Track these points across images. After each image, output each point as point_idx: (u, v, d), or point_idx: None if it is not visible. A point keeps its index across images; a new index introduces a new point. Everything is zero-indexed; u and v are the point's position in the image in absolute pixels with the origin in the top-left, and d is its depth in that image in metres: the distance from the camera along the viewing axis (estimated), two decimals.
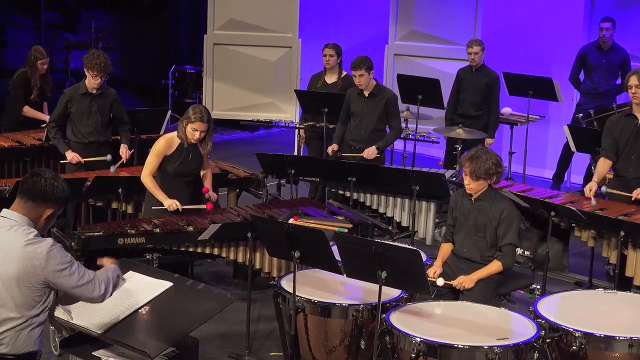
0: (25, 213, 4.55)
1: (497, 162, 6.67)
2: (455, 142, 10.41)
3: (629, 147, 8.04)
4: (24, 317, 4.50)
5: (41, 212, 4.56)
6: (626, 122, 8.07)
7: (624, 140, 8.06)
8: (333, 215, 7.76)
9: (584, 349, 5.67)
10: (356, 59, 9.33)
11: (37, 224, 4.57)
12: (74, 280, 4.53)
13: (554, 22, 12.44)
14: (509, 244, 6.68)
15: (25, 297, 4.47)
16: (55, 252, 4.48)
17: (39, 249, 4.45)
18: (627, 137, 8.04)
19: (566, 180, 12.09)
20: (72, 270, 4.53)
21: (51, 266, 4.46)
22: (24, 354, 4.53)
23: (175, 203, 7.55)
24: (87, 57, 8.82)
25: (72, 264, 4.54)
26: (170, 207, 7.55)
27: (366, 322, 6.03)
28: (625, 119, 8.09)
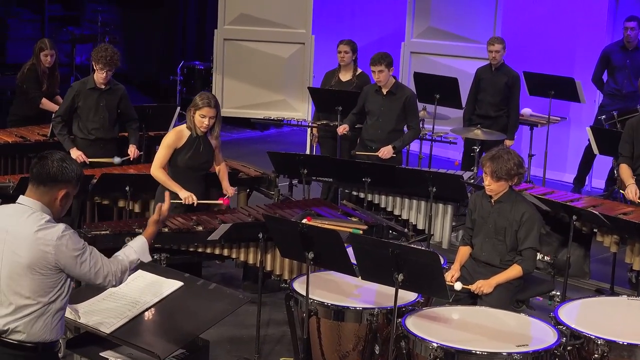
0: (38, 198, 4.58)
1: (519, 163, 6.67)
2: (473, 144, 10.41)
3: None
4: (40, 303, 4.52)
5: (55, 195, 4.58)
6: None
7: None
8: (347, 216, 7.76)
9: (606, 357, 5.67)
10: (376, 55, 9.34)
11: (52, 207, 4.60)
12: (85, 268, 4.56)
13: (576, 20, 12.43)
14: (530, 248, 6.68)
15: (39, 284, 4.50)
16: (67, 238, 4.51)
17: (50, 234, 4.48)
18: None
19: (587, 184, 12.09)
20: (84, 258, 4.55)
21: (62, 252, 4.49)
22: (41, 343, 4.55)
23: (191, 196, 7.58)
24: (95, 51, 8.87)
25: (84, 250, 4.56)
26: (187, 200, 7.58)
27: (381, 327, 6.04)
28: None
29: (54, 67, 10.27)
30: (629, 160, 8.12)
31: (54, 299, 4.55)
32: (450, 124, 11.46)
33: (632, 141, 8.13)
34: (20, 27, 15.67)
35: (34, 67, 10.10)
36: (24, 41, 14.64)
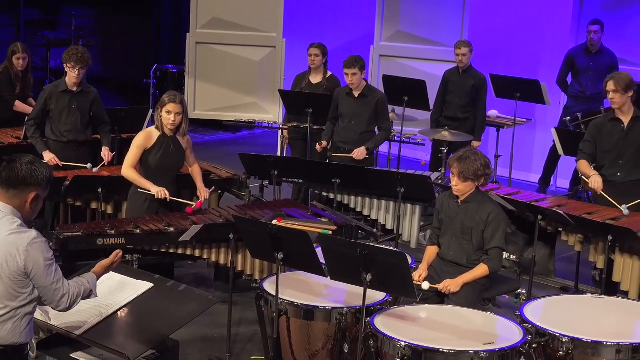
0: (8, 202, 4.51)
1: (486, 164, 6.66)
2: (441, 145, 10.40)
3: (617, 151, 8.05)
4: (7, 307, 4.46)
5: (25, 198, 4.52)
6: (612, 127, 8.08)
7: (611, 145, 8.07)
8: (317, 217, 7.73)
9: (571, 354, 5.66)
10: (349, 58, 9.35)
11: (23, 210, 4.53)
12: (48, 280, 4.49)
13: (541, 24, 12.45)
14: (496, 247, 6.65)
15: (7, 288, 4.43)
16: (38, 246, 4.44)
17: (21, 240, 4.41)
18: (615, 141, 8.05)
19: (552, 184, 12.10)
20: (50, 271, 4.48)
21: (32, 258, 4.42)
22: (10, 346, 4.48)
23: (163, 191, 7.53)
24: (66, 51, 8.81)
25: (53, 262, 4.49)
26: (159, 194, 7.53)
27: (350, 326, 6.00)
28: (610, 124, 8.10)
29: (27, 70, 10.17)
30: (589, 157, 8.13)
31: (23, 303, 4.48)
32: (419, 126, 11.45)
33: (594, 140, 8.14)
34: None
35: (7, 71, 10.01)
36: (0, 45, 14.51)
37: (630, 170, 8.05)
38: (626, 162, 8.05)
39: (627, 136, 8.02)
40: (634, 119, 8.01)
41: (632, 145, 8.02)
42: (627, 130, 8.02)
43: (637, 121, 8.01)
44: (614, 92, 7.89)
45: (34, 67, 15.04)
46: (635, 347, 5.63)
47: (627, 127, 8.02)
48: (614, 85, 7.88)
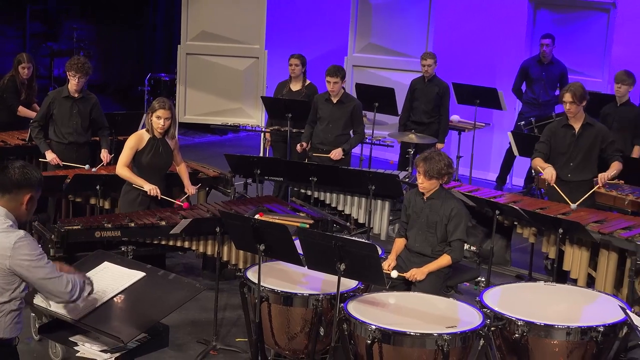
0: (4, 205, 4.40)
1: (449, 164, 6.66)
2: (408, 146, 10.41)
3: (568, 154, 8.06)
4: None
5: (20, 200, 4.41)
6: (564, 132, 8.09)
7: (563, 148, 8.07)
8: (295, 212, 7.72)
9: (526, 336, 5.65)
10: (332, 67, 9.39)
11: (18, 211, 4.42)
12: (41, 273, 4.37)
13: (499, 37, 12.47)
14: (458, 239, 6.65)
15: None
16: (24, 244, 4.32)
17: (8, 239, 4.30)
18: (566, 146, 8.05)
19: (508, 182, 12.10)
20: (40, 264, 4.35)
21: (17, 257, 4.31)
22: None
23: (155, 189, 7.50)
24: (68, 61, 8.77)
25: (41, 257, 4.37)
26: (151, 192, 7.49)
27: (325, 311, 5.96)
28: (563, 129, 8.10)
29: (32, 79, 10.11)
30: (543, 156, 8.14)
31: (7, 299, 4.37)
32: (388, 129, 11.44)
33: (549, 142, 8.13)
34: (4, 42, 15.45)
35: (13, 79, 9.97)
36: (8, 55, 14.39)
37: (579, 172, 8.06)
38: (576, 165, 8.05)
39: (577, 141, 8.02)
40: (584, 125, 8.00)
41: (581, 149, 8.02)
42: (578, 136, 8.02)
43: (587, 128, 8.01)
44: (571, 103, 7.89)
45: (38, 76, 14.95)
46: (584, 330, 5.63)
47: (577, 133, 8.01)
48: (571, 97, 7.87)
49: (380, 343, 5.43)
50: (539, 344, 5.67)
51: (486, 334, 5.57)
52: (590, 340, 5.62)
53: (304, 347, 6.12)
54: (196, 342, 7.14)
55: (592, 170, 8.04)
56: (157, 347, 5.08)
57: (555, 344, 5.65)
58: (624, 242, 7.14)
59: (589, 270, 7.40)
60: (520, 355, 5.72)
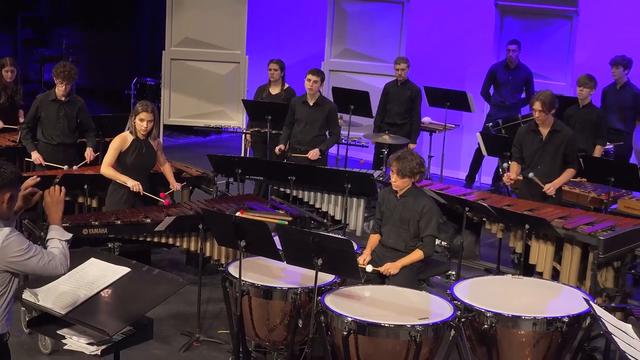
0: None
1: (421, 163, 6.64)
2: (382, 147, 10.41)
3: (536, 158, 8.05)
4: None
5: (1, 199, 4.30)
6: (532, 137, 8.08)
7: (531, 152, 8.08)
8: (275, 209, 7.69)
9: (494, 327, 5.63)
10: (315, 68, 9.42)
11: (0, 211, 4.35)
12: (34, 262, 4.30)
13: (468, 43, 12.47)
14: (430, 235, 6.63)
15: None
16: (12, 241, 4.24)
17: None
18: (534, 150, 8.06)
19: (477, 181, 12.10)
20: (31, 254, 4.29)
21: (8, 254, 4.23)
22: None
23: (138, 185, 7.44)
24: (55, 67, 8.68)
25: (29, 248, 4.30)
26: (134, 188, 7.43)
27: (304, 304, 5.92)
28: (531, 134, 8.10)
29: (16, 82, 9.96)
30: (519, 160, 8.19)
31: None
32: (363, 131, 11.41)
33: (519, 146, 8.14)
34: None
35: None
36: None
37: (546, 175, 8.03)
38: (543, 169, 8.04)
39: (544, 146, 8.01)
40: (551, 132, 7.99)
41: (548, 154, 8.01)
42: (545, 142, 8.01)
43: (554, 134, 7.99)
44: (540, 111, 7.87)
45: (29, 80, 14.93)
46: (549, 321, 5.62)
47: (545, 139, 8.01)
48: (540, 106, 7.85)
49: (356, 334, 5.40)
50: (507, 334, 5.65)
51: (457, 325, 5.55)
52: (555, 331, 5.61)
53: (283, 338, 6.08)
54: (180, 334, 7.11)
55: (557, 175, 8.01)
56: (142, 340, 5.02)
57: (523, 334, 5.63)
58: (586, 237, 7.15)
59: (554, 264, 7.40)
60: (489, 345, 5.70)
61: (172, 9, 12.82)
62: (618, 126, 10.25)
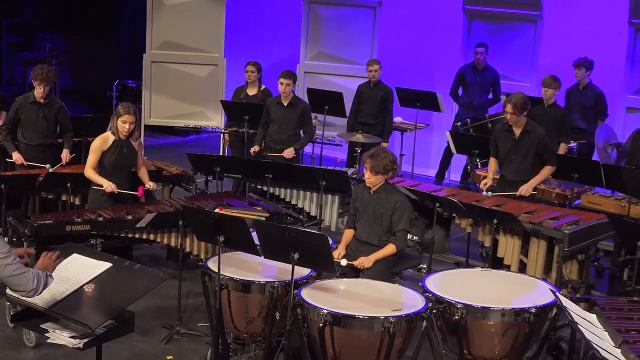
0: None
1: (393, 160, 6.61)
2: (355, 146, 10.37)
3: (509, 156, 8.04)
4: None
5: None
6: (506, 135, 8.07)
7: (505, 150, 8.07)
8: (253, 206, 7.65)
9: (465, 318, 5.61)
10: (287, 71, 9.34)
11: None
12: (9, 270, 4.23)
13: (437, 46, 12.46)
14: (402, 229, 6.59)
15: None
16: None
17: None
18: (508, 149, 8.05)
19: (446, 178, 12.08)
20: (9, 261, 4.22)
21: None
22: None
23: (111, 185, 7.37)
24: (33, 70, 8.60)
25: (9, 255, 4.23)
26: (108, 188, 7.36)
27: (281, 297, 5.86)
28: (505, 132, 8.09)
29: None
30: (496, 156, 8.19)
31: None
32: (337, 130, 11.38)
33: (496, 144, 8.14)
34: None
35: None
36: None
37: (517, 173, 8.04)
38: (515, 167, 8.04)
39: (516, 146, 8.00)
40: (523, 132, 7.97)
41: (520, 153, 8.00)
42: (518, 141, 8.00)
43: (526, 134, 7.97)
44: (511, 114, 7.86)
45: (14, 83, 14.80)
46: (517, 311, 5.60)
47: (517, 139, 7.99)
48: (511, 108, 7.84)
49: (332, 326, 5.35)
50: (477, 324, 5.63)
51: (428, 316, 5.52)
52: (523, 321, 5.59)
53: (261, 330, 6.03)
54: (161, 327, 7.06)
55: (528, 173, 7.99)
56: (124, 333, 4.95)
57: (492, 324, 5.61)
58: (552, 231, 7.15)
59: (521, 257, 7.39)
60: (460, 336, 5.68)
61: (152, 13, 12.72)
62: (581, 125, 10.27)
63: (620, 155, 9.22)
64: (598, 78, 10.42)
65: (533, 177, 7.97)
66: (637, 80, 11.11)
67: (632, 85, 11.15)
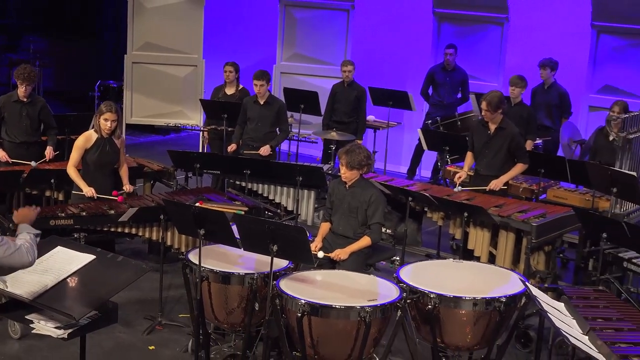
0: None
1: (368, 156, 6.56)
2: (330, 143, 10.32)
3: (483, 150, 8.01)
4: None
5: None
6: (482, 130, 8.04)
7: (480, 145, 8.04)
8: (232, 200, 7.57)
9: (437, 307, 5.57)
10: (258, 71, 9.22)
11: None
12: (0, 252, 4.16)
13: (408, 47, 12.43)
14: (377, 222, 6.55)
15: None
16: None
17: None
18: (482, 143, 8.01)
19: (417, 174, 12.05)
20: None
21: None
22: None
23: (91, 190, 7.27)
24: (16, 70, 8.49)
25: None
26: (88, 194, 7.26)
27: (260, 288, 5.80)
28: (481, 127, 8.06)
29: None
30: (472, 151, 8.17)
31: None
32: (312, 128, 11.32)
33: (472, 138, 8.12)
34: None
35: None
36: None
37: (489, 168, 8.00)
38: (487, 162, 8.01)
39: (490, 141, 7.97)
40: (497, 128, 7.93)
41: (493, 149, 7.96)
42: (492, 137, 7.95)
43: (500, 131, 7.92)
44: (486, 110, 7.83)
45: None
46: (488, 301, 5.56)
47: (492, 134, 7.95)
48: (486, 105, 7.81)
49: (309, 316, 5.30)
50: (449, 313, 5.59)
51: (403, 306, 5.48)
52: (494, 310, 5.56)
53: (241, 320, 5.96)
54: (143, 318, 6.99)
55: (499, 168, 7.94)
56: (107, 323, 4.86)
57: (463, 313, 5.58)
58: (520, 223, 7.14)
59: (490, 249, 7.38)
60: (433, 324, 5.63)
61: (133, 16, 12.62)
62: (546, 123, 10.28)
63: (584, 152, 9.24)
64: (562, 78, 10.44)
65: (504, 173, 7.93)
66: (599, 80, 11.15)
67: (594, 85, 11.19)
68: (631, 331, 5.05)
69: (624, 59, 10.93)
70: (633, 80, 10.79)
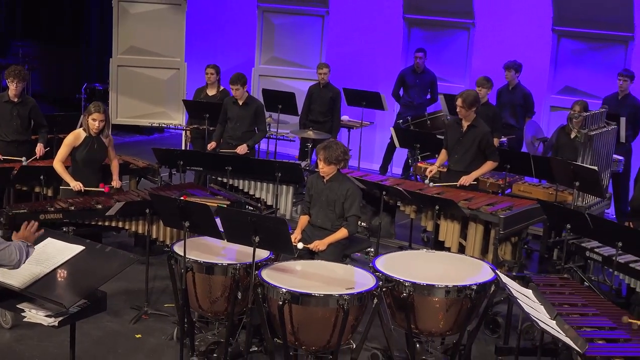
0: None
1: (345, 151, 6.52)
2: (306, 141, 10.29)
3: (455, 147, 7.97)
4: None
5: None
6: (456, 128, 7.99)
7: (453, 141, 7.99)
8: (214, 195, 7.50)
9: (412, 295, 5.53)
10: (234, 76, 9.13)
11: None
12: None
13: (380, 50, 12.41)
14: (353, 215, 6.51)
15: None
16: None
17: None
18: (455, 140, 7.96)
19: (389, 171, 12.03)
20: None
21: None
22: None
23: (79, 184, 7.18)
24: (7, 69, 8.35)
25: None
26: (75, 188, 7.18)
27: (242, 278, 5.73)
28: (455, 125, 8.01)
29: None
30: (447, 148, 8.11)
31: None
32: (290, 127, 11.30)
33: (446, 135, 8.09)
34: None
35: None
36: None
37: (459, 164, 7.95)
38: (458, 158, 7.96)
39: (462, 138, 7.92)
40: (470, 126, 7.88)
41: (464, 145, 7.91)
42: (464, 134, 7.91)
43: (472, 128, 7.87)
44: (461, 107, 7.78)
45: None
46: (460, 288, 5.53)
47: (464, 132, 7.91)
48: (461, 102, 7.76)
49: (290, 304, 5.24)
50: (423, 301, 5.55)
51: (379, 294, 5.45)
52: (465, 297, 5.53)
53: (224, 309, 5.88)
54: (130, 308, 6.91)
55: (468, 165, 7.89)
56: (96, 312, 4.76)
57: (436, 300, 5.54)
58: (488, 215, 7.12)
59: (460, 240, 7.35)
60: (407, 312, 5.59)
61: (118, 21, 12.50)
62: (511, 122, 10.28)
63: (546, 149, 9.25)
64: (526, 79, 10.45)
65: (473, 169, 7.89)
66: (560, 81, 11.17)
67: (555, 86, 11.21)
68: (595, 316, 5.06)
69: (583, 62, 10.97)
70: (591, 82, 10.83)
